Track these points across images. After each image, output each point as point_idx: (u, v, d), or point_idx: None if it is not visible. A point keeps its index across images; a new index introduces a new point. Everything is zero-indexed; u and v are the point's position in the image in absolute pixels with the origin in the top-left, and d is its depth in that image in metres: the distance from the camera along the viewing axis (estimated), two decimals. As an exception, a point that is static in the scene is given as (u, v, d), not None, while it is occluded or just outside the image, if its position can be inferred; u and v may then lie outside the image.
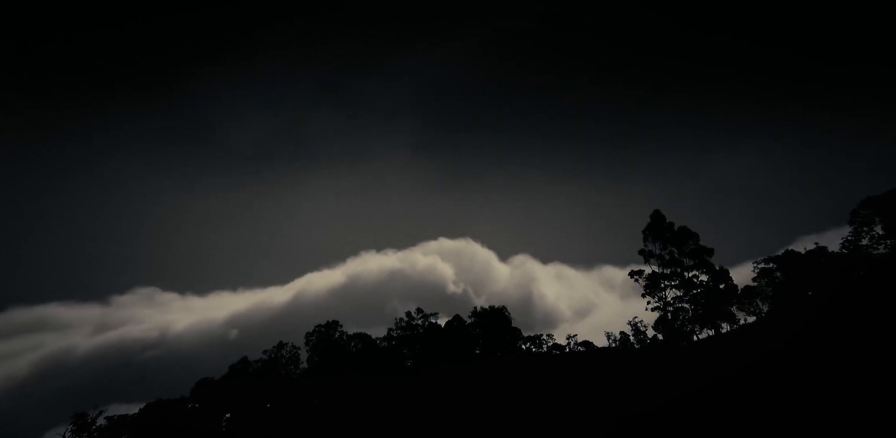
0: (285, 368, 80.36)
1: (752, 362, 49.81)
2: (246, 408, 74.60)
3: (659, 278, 73.91)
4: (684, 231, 74.11)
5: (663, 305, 73.24)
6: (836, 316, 51.15)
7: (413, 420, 61.46)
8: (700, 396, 45.87)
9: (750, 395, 42.52)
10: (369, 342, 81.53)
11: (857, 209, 66.11)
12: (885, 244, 63.52)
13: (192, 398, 77.43)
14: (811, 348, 47.45)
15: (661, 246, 74.79)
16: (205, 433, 70.72)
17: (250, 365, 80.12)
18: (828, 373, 41.40)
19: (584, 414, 51.00)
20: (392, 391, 69.60)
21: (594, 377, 61.63)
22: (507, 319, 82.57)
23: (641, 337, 78.48)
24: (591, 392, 56.15)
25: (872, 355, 41.54)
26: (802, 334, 51.46)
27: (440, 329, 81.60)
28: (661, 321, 73.02)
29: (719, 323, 70.76)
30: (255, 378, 77.89)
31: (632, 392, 52.44)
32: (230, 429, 72.64)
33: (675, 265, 73.44)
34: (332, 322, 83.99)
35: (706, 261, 72.39)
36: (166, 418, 71.26)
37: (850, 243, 65.92)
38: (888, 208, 63.39)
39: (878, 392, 36.55)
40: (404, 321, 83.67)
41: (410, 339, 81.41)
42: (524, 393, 60.19)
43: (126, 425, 69.37)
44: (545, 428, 50.80)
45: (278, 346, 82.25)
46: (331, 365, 77.60)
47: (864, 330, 46.03)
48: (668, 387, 50.68)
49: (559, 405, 55.15)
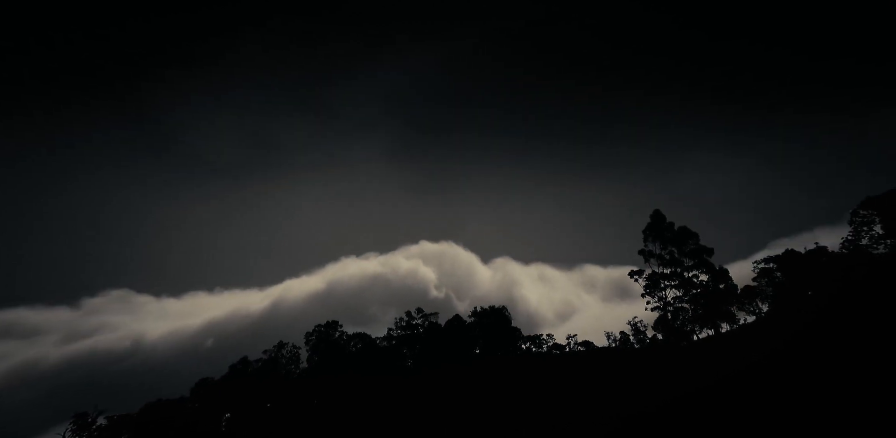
0: (285, 368, 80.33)
1: (752, 362, 49.79)
2: (246, 408, 74.57)
3: (659, 278, 73.93)
4: (684, 231, 74.13)
5: (663, 305, 73.23)
6: (836, 316, 51.14)
7: (413, 420, 61.44)
8: (700, 396, 45.86)
9: (750, 395, 42.51)
10: (369, 342, 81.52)
11: (857, 209, 66.15)
12: (885, 244, 63.54)
13: (192, 398, 77.43)
14: (811, 348, 47.44)
15: (661, 246, 74.80)
16: (205, 433, 70.67)
17: (250, 365, 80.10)
18: (828, 373, 41.40)
19: (584, 414, 50.99)
20: (392, 391, 69.59)
21: (594, 377, 61.62)
22: (507, 319, 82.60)
23: (641, 337, 78.51)
24: (591, 392, 56.14)
25: (872, 355, 41.53)
26: (802, 334, 51.45)
27: (440, 328, 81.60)
28: (661, 321, 73.02)
29: (719, 322, 70.78)
30: (255, 377, 77.87)
31: (632, 392, 52.43)
32: (230, 429, 72.60)
33: (675, 265, 73.45)
34: (331, 321, 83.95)
35: (706, 261, 72.41)
36: (166, 418, 71.23)
37: (850, 243, 65.95)
38: (888, 208, 63.41)
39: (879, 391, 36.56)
40: (404, 320, 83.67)
41: (410, 339, 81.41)
42: (524, 393, 60.18)
43: (126, 425, 69.32)
44: (545, 428, 50.79)
45: (278, 346, 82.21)
46: (331, 364, 77.58)
47: (864, 330, 46.03)
48: (668, 387, 50.66)
49: (559, 405, 55.14)
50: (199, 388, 78.13)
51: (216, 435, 71.11)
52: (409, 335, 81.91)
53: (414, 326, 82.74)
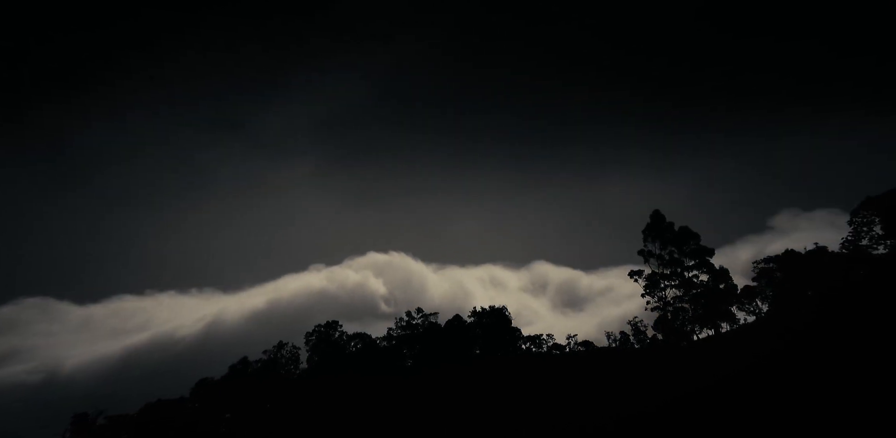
0: (285, 368, 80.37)
1: (752, 362, 49.81)
2: (246, 408, 74.57)
3: (659, 278, 73.91)
4: (685, 231, 74.04)
5: (663, 305, 73.21)
6: (836, 316, 51.15)
7: (413, 420, 61.45)
8: (700, 396, 45.88)
9: (750, 395, 42.52)
10: (369, 342, 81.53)
11: (857, 209, 66.14)
12: (885, 244, 63.55)
13: (192, 398, 77.44)
14: (811, 348, 47.46)
15: (660, 246, 74.78)
16: (204, 433, 70.65)
17: (250, 366, 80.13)
18: (828, 373, 41.41)
19: (584, 414, 51.00)
20: (392, 391, 69.57)
21: (594, 377, 61.63)
22: (507, 319, 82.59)
23: (641, 337, 78.55)
24: (591, 392, 56.14)
25: (872, 355, 41.55)
26: (802, 334, 51.47)
27: (440, 328, 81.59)
28: (661, 321, 73.01)
29: (719, 322, 70.78)
30: (254, 378, 77.88)
31: (632, 392, 52.44)
32: (230, 429, 72.58)
33: (676, 265, 73.43)
34: (331, 322, 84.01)
35: (706, 261, 72.37)
36: (166, 418, 71.21)
37: (850, 243, 65.96)
38: (888, 208, 63.41)
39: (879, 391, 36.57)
40: (404, 320, 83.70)
41: (410, 339, 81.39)
42: (524, 393, 60.18)
43: (126, 425, 69.33)
44: (545, 428, 50.82)
45: (278, 346, 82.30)
46: (331, 365, 77.59)
47: (864, 330, 46.04)
48: (667, 387, 50.67)
49: (559, 405, 55.15)
50: (199, 388, 78.16)
51: (216, 436, 71.09)
52: (409, 335, 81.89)
53: (414, 326, 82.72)
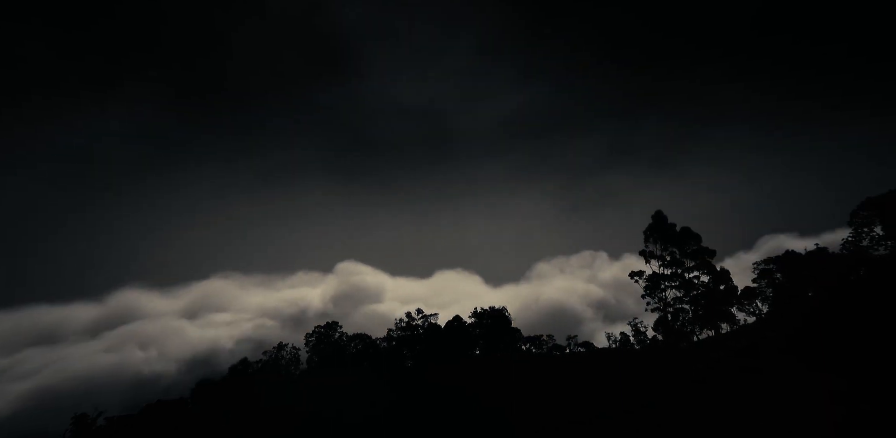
0: (285, 369, 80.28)
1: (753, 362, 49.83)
2: (246, 409, 74.40)
3: (659, 279, 73.87)
4: (686, 232, 73.99)
5: (663, 306, 73.19)
6: (835, 317, 51.15)
7: (413, 420, 61.36)
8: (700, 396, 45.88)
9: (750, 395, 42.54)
10: (369, 342, 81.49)
11: (858, 210, 66.15)
12: (886, 245, 63.56)
13: (192, 399, 77.28)
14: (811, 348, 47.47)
15: (661, 248, 74.73)
16: (204, 433, 70.51)
17: (250, 366, 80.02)
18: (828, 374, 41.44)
19: (584, 415, 50.97)
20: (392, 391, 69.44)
21: (594, 377, 61.61)
22: (507, 320, 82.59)
23: (641, 338, 78.59)
24: (591, 393, 56.12)
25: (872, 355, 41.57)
26: (802, 334, 51.47)
27: (440, 329, 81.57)
28: (661, 322, 72.99)
29: (719, 323, 70.79)
30: (254, 378, 77.76)
31: (632, 393, 52.43)
32: (230, 430, 72.43)
33: (676, 266, 73.40)
34: (331, 322, 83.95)
35: (707, 263, 72.34)
36: (166, 419, 71.08)
37: (850, 244, 65.97)
38: (888, 209, 63.42)
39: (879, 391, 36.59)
40: (404, 321, 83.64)
41: (410, 340, 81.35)
42: (524, 394, 60.13)
43: (126, 426, 69.18)
44: (545, 429, 50.77)
45: (278, 347, 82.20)
46: (331, 365, 77.52)
47: (864, 330, 46.05)
48: (667, 387, 50.68)
49: (559, 405, 55.11)
50: (199, 389, 78.01)
51: (216, 436, 70.94)
52: (409, 336, 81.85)
53: (414, 327, 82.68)
